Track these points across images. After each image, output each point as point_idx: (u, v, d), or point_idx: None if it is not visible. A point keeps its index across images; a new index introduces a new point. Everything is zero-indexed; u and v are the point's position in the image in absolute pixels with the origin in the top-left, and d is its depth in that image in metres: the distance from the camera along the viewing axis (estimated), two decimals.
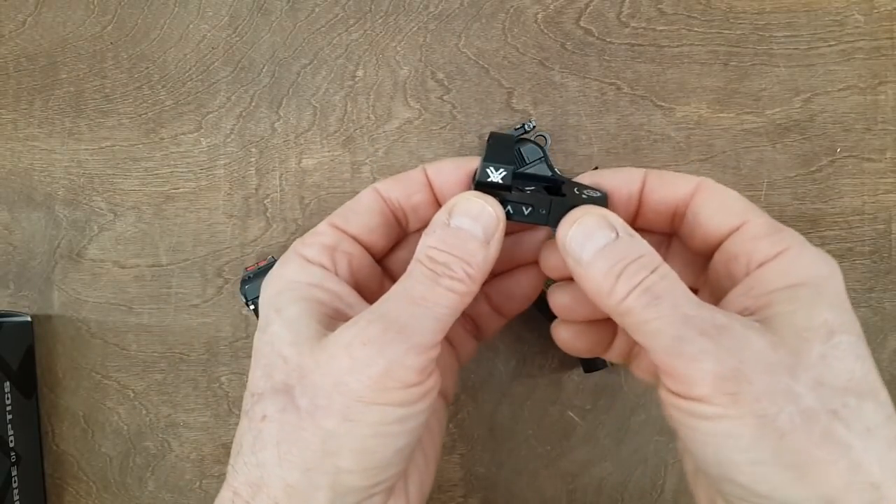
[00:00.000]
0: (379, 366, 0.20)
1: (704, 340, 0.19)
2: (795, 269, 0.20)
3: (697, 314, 0.19)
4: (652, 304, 0.20)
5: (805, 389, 0.18)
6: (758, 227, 0.22)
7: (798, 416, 0.18)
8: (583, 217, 0.22)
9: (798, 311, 0.19)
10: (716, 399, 0.18)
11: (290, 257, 0.24)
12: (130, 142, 0.40)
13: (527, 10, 0.37)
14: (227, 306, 0.39)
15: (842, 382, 0.19)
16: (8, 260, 0.40)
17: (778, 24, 0.37)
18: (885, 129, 0.37)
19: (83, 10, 0.40)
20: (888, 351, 0.37)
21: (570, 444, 0.38)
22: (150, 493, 0.40)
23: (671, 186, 0.23)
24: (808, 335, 0.19)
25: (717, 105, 0.37)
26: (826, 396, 0.18)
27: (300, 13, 0.38)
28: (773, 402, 0.18)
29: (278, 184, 0.39)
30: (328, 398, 0.20)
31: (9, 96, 0.40)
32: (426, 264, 0.22)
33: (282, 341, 0.22)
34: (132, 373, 0.40)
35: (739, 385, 0.18)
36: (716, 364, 0.18)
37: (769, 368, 0.18)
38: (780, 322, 0.19)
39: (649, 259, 0.20)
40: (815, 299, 0.20)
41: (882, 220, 0.37)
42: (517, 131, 0.35)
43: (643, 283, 0.20)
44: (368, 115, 0.38)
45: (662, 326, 0.19)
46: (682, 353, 0.19)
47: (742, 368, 0.18)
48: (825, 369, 0.19)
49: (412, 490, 0.24)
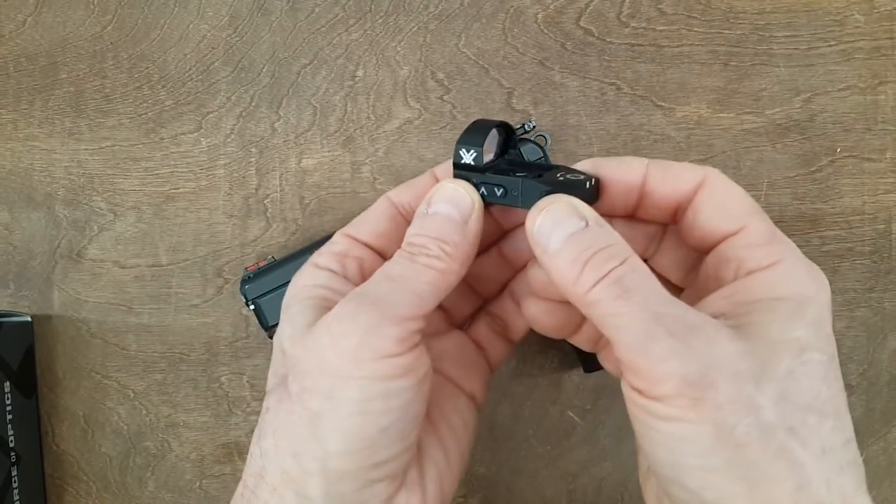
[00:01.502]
0: (355, 336, 0.20)
1: (673, 341, 0.18)
2: (782, 284, 0.20)
3: (668, 311, 0.19)
4: (621, 296, 0.19)
5: (767, 402, 0.18)
6: (755, 235, 0.21)
7: (756, 428, 0.18)
8: (551, 205, 0.21)
9: (773, 323, 0.19)
10: (677, 402, 0.18)
11: (303, 266, 0.25)
12: (130, 142, 0.40)
13: (527, 10, 0.37)
14: (227, 306, 0.39)
15: (805, 400, 0.18)
16: (8, 260, 0.40)
17: (778, 24, 0.37)
18: (885, 129, 0.37)
19: (83, 10, 0.40)
20: (888, 351, 0.37)
21: (570, 444, 0.38)
22: (150, 493, 0.40)
23: (675, 181, 0.23)
24: (779, 348, 0.19)
25: (717, 105, 0.37)
26: (787, 412, 0.18)
27: (300, 13, 0.38)
28: (733, 412, 0.18)
29: (278, 184, 0.39)
30: (313, 379, 0.21)
31: (9, 96, 0.40)
32: (405, 248, 0.23)
33: (283, 336, 0.23)
34: (132, 373, 0.40)
35: (704, 391, 0.18)
36: (682, 366, 0.18)
37: (735, 376, 0.18)
38: (754, 331, 0.19)
39: (618, 249, 0.20)
40: (794, 315, 0.19)
41: (882, 220, 0.37)
42: (517, 131, 0.35)
43: (612, 273, 0.19)
44: (368, 115, 0.38)
45: (630, 322, 0.19)
46: (648, 352, 0.18)
47: (708, 373, 0.18)
48: (791, 384, 0.18)
49: (430, 487, 0.23)
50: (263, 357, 0.39)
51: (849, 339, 0.37)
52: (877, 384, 0.38)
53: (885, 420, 0.38)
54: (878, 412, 0.38)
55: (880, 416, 0.38)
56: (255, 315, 0.35)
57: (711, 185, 0.22)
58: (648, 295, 0.19)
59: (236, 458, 0.40)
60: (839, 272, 0.37)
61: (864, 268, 0.37)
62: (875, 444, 0.38)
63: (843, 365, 0.37)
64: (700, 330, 0.19)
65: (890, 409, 0.38)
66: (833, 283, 0.37)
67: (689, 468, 0.19)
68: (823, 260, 0.37)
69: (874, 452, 0.38)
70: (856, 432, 0.38)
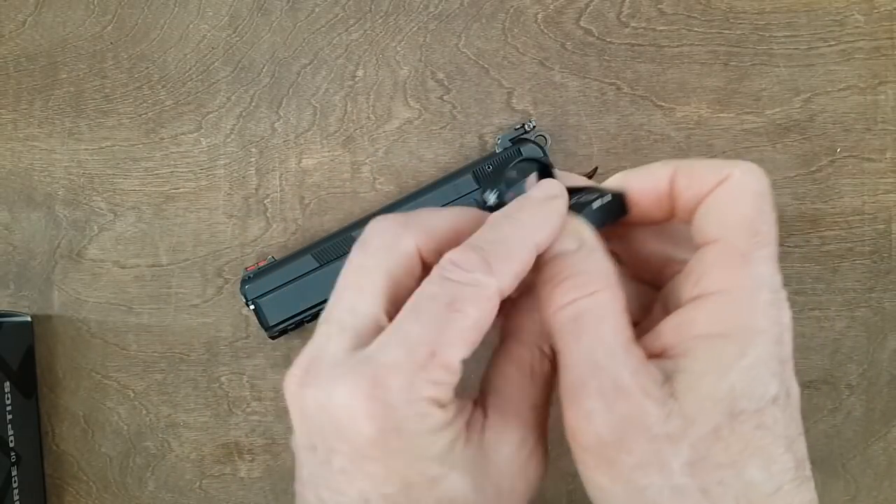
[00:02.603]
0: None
1: (599, 401, 0.19)
2: (726, 317, 0.19)
3: (606, 365, 0.19)
4: (573, 333, 0.19)
5: (680, 465, 0.18)
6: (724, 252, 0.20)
7: (668, 490, 0.18)
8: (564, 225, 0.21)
9: (706, 377, 0.18)
10: (594, 458, 0.19)
11: (417, 404, 0.19)
12: (130, 142, 0.40)
13: (527, 10, 0.37)
14: (227, 306, 0.39)
15: (727, 458, 0.18)
16: (8, 260, 0.40)
17: (778, 24, 0.37)
18: (885, 129, 0.37)
19: (83, 10, 0.40)
20: (888, 351, 0.37)
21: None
22: (150, 493, 0.40)
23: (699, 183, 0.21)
24: (706, 406, 0.18)
25: (717, 105, 0.37)
26: (702, 473, 0.18)
27: (300, 13, 0.38)
28: (644, 475, 0.18)
29: (278, 184, 0.39)
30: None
31: (9, 96, 0.40)
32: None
33: (464, 491, 0.20)
34: (132, 373, 0.40)
35: (618, 454, 0.18)
36: (602, 428, 0.19)
37: (652, 439, 0.18)
38: (687, 382, 0.19)
39: (591, 278, 0.19)
40: (730, 362, 0.18)
41: (882, 220, 0.37)
42: (517, 131, 0.35)
43: (575, 304, 0.19)
44: (368, 115, 0.38)
45: (572, 365, 0.19)
46: (578, 403, 0.19)
47: (625, 437, 0.18)
48: (714, 444, 0.18)
49: None
50: (263, 357, 0.39)
51: (849, 339, 0.37)
52: (877, 384, 0.37)
53: (885, 420, 0.38)
54: (878, 412, 0.38)
55: (880, 416, 0.38)
56: (255, 315, 0.35)
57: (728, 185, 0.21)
58: (595, 342, 0.19)
59: (236, 458, 0.40)
60: (839, 272, 0.37)
61: (864, 268, 0.37)
62: (875, 444, 0.38)
63: (843, 365, 0.37)
64: (629, 395, 0.18)
65: (890, 409, 0.38)
66: (833, 283, 0.37)
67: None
68: (823, 260, 0.37)
69: (874, 452, 0.38)
70: (856, 432, 0.38)
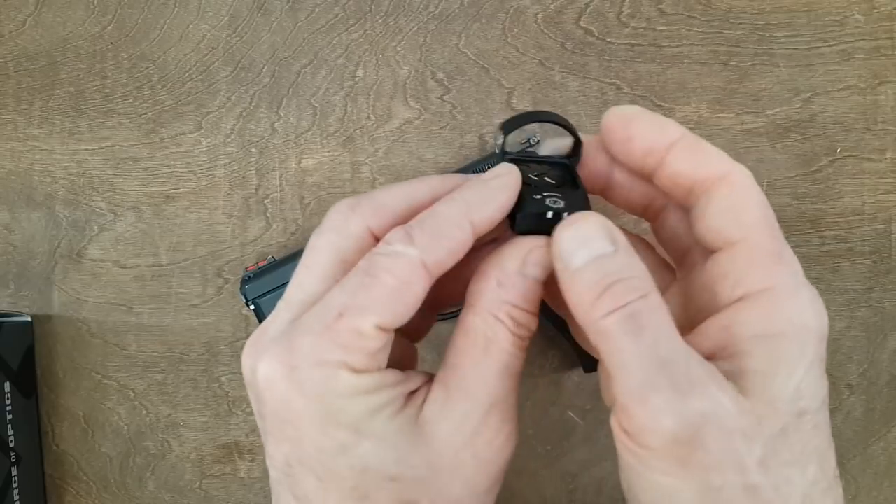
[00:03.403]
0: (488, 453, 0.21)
1: (672, 395, 0.18)
2: (780, 315, 0.19)
3: (674, 359, 0.18)
4: (632, 332, 0.18)
5: (755, 463, 0.18)
6: (755, 251, 0.20)
7: (742, 491, 0.18)
8: (582, 221, 0.20)
9: (773, 377, 0.19)
10: (665, 457, 0.18)
11: (330, 367, 0.20)
12: (130, 142, 0.40)
13: (527, 10, 0.37)
14: (227, 306, 0.39)
15: (793, 456, 0.18)
16: (8, 260, 0.40)
17: (778, 24, 0.37)
18: (885, 129, 0.37)
19: (83, 10, 0.40)
20: (888, 351, 0.37)
21: (570, 444, 0.38)
22: (150, 493, 0.40)
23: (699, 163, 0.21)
24: (777, 406, 0.18)
25: (717, 105, 0.37)
26: (773, 471, 0.18)
27: (300, 13, 0.38)
28: (720, 475, 0.18)
29: (278, 184, 0.39)
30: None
31: (9, 96, 0.40)
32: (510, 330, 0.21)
33: (386, 462, 0.20)
34: (132, 373, 0.40)
35: (693, 451, 0.17)
36: (677, 424, 0.17)
37: (728, 436, 0.18)
38: (754, 382, 0.19)
39: (641, 283, 0.19)
40: (794, 360, 0.19)
41: (882, 220, 0.37)
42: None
43: (629, 306, 0.18)
44: (368, 115, 0.38)
45: (635, 363, 0.18)
46: (646, 400, 0.18)
47: (701, 434, 0.17)
48: (782, 442, 0.18)
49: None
50: None
51: (849, 339, 0.37)
52: (877, 384, 0.38)
53: (885, 420, 0.38)
54: (878, 412, 0.38)
55: (880, 416, 0.38)
56: (255, 315, 0.35)
57: (734, 181, 0.21)
58: (660, 337, 0.18)
59: (236, 458, 0.40)
60: (839, 272, 0.37)
61: (864, 268, 0.37)
62: (875, 444, 0.38)
63: (843, 365, 0.37)
64: (703, 386, 0.18)
65: (890, 409, 0.38)
66: (833, 283, 0.37)
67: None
68: (823, 260, 0.37)
69: (874, 452, 0.38)
70: (856, 432, 0.38)
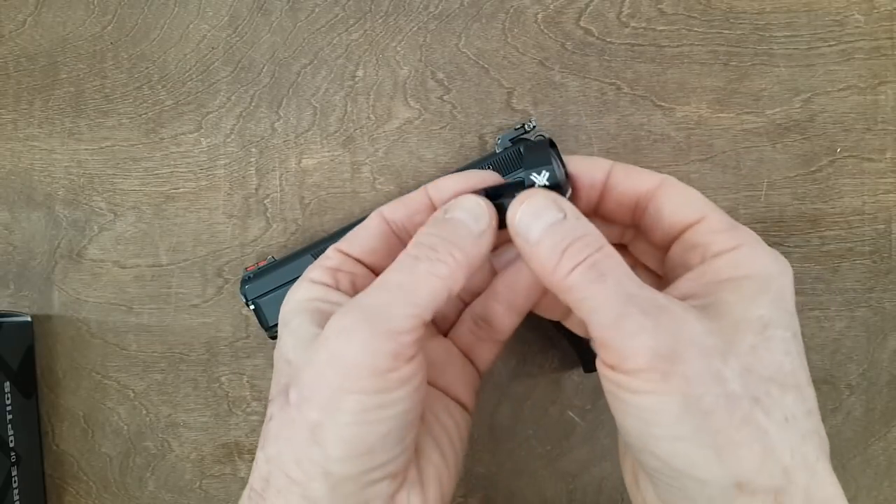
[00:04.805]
0: (350, 353, 0.21)
1: (644, 318, 0.19)
2: (746, 263, 0.21)
3: (639, 293, 0.20)
4: (597, 280, 0.20)
5: (732, 375, 0.19)
6: (717, 223, 0.23)
7: (723, 398, 0.19)
8: (531, 197, 0.22)
9: (738, 303, 0.20)
10: (647, 375, 0.19)
11: (299, 281, 0.26)
12: (130, 142, 0.40)
13: (527, 10, 0.37)
14: (227, 306, 0.39)
15: (768, 373, 0.20)
16: (8, 260, 0.40)
17: (778, 24, 0.37)
18: (885, 129, 0.37)
19: (83, 10, 0.40)
20: (888, 351, 0.37)
21: (570, 444, 0.38)
22: (150, 493, 0.40)
23: (636, 180, 0.25)
24: (742, 326, 0.20)
25: (717, 105, 0.37)
26: (751, 384, 0.19)
27: (300, 13, 0.38)
28: (701, 384, 0.19)
29: (278, 184, 0.39)
30: (312, 390, 0.21)
31: (9, 96, 0.40)
32: (410, 250, 0.23)
33: (287, 347, 0.23)
34: (132, 373, 0.40)
35: (673, 364, 0.19)
36: (653, 341, 0.19)
37: (703, 351, 0.19)
38: (720, 310, 0.21)
39: (594, 238, 0.21)
40: (757, 294, 0.21)
41: (882, 220, 0.37)
42: (517, 131, 0.35)
43: (588, 259, 0.21)
44: (368, 115, 0.38)
45: (604, 302, 0.20)
46: (620, 328, 0.20)
47: (677, 348, 0.19)
48: (754, 359, 0.20)
49: (430, 485, 0.24)
50: (263, 357, 0.39)
51: (849, 339, 0.37)
52: (877, 384, 0.38)
53: (885, 420, 0.38)
54: (878, 412, 0.38)
55: (880, 416, 0.38)
56: (255, 315, 0.35)
57: (671, 184, 0.24)
58: (621, 278, 0.20)
59: (236, 458, 0.40)
60: (839, 272, 0.37)
61: (864, 268, 0.37)
62: (875, 444, 0.38)
63: (843, 365, 0.37)
64: (669, 310, 0.20)
65: (890, 409, 0.38)
66: (833, 283, 0.37)
67: (658, 438, 0.20)
68: (823, 260, 0.37)
69: (874, 452, 0.38)
70: (856, 432, 0.38)
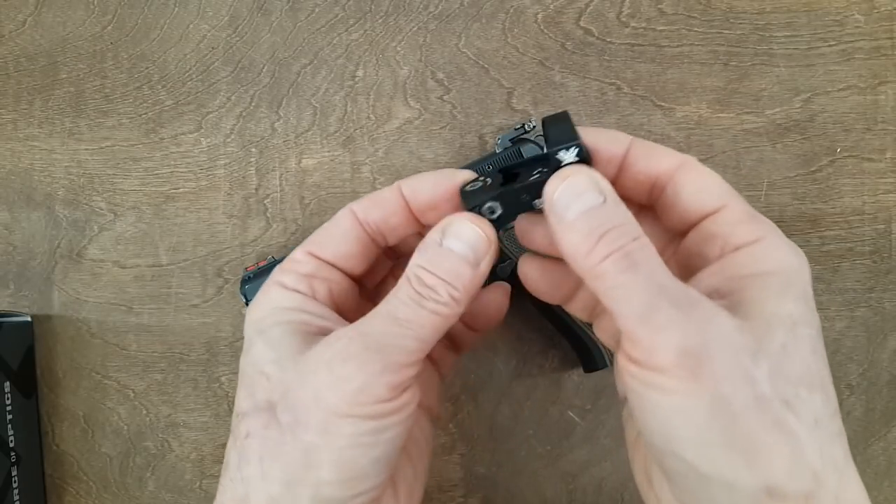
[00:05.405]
0: (357, 381, 0.21)
1: (675, 311, 0.19)
2: (769, 258, 0.21)
3: (671, 286, 0.19)
4: (629, 269, 0.20)
5: (763, 376, 0.18)
6: (737, 213, 0.22)
7: (753, 400, 0.18)
8: (572, 176, 0.21)
9: (767, 301, 0.20)
10: (675, 372, 0.19)
11: (269, 285, 0.25)
12: (130, 142, 0.40)
13: (527, 10, 0.37)
14: (227, 306, 0.39)
15: (797, 373, 0.19)
16: (8, 260, 0.40)
17: (778, 24, 0.37)
18: (885, 129, 0.37)
19: (83, 10, 0.40)
20: (888, 351, 0.37)
21: (570, 444, 0.38)
22: (150, 493, 0.40)
23: (655, 159, 0.23)
24: (773, 323, 0.19)
25: (717, 105, 0.37)
26: (781, 385, 0.19)
27: (300, 13, 0.38)
28: (731, 384, 0.18)
29: (278, 184, 0.39)
30: (307, 412, 0.21)
31: (9, 96, 0.40)
32: (413, 285, 0.22)
33: (264, 360, 0.22)
34: (132, 373, 0.40)
35: (701, 362, 0.18)
36: (683, 337, 0.18)
37: (733, 350, 0.19)
38: (749, 308, 0.20)
39: (631, 227, 0.21)
40: (784, 290, 0.20)
41: (882, 220, 0.37)
42: (517, 131, 0.35)
43: (623, 248, 0.20)
44: (368, 115, 0.38)
45: (634, 292, 0.19)
46: (650, 321, 0.19)
47: (708, 345, 0.18)
48: (784, 359, 0.19)
49: (402, 499, 0.24)
50: None
51: (849, 339, 0.37)
52: (877, 384, 0.38)
53: (885, 420, 0.38)
54: (878, 412, 0.38)
55: (880, 416, 0.38)
56: None
57: (691, 167, 0.23)
58: (655, 269, 0.20)
59: None
60: (839, 272, 0.37)
61: (864, 268, 0.37)
62: (875, 444, 0.38)
63: (843, 365, 0.37)
64: (700, 304, 0.19)
65: (890, 409, 0.38)
66: (833, 283, 0.37)
67: (685, 440, 0.19)
68: (823, 260, 0.37)
69: (874, 452, 0.38)
70: (856, 432, 0.38)
